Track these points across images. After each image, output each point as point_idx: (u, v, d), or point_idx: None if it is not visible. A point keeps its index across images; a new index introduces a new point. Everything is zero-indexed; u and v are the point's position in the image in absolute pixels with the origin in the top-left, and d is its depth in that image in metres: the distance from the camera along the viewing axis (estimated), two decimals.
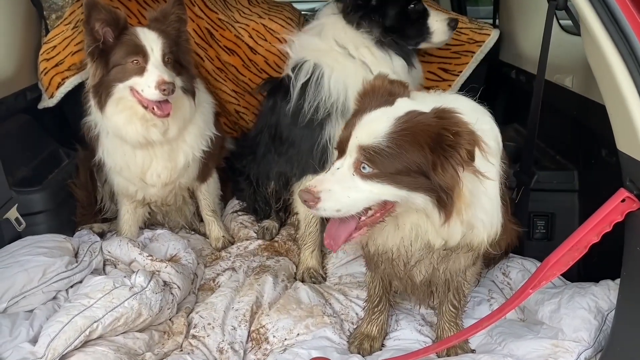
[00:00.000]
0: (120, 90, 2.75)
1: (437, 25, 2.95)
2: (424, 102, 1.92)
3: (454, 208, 1.79)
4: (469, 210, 1.83)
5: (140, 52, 2.70)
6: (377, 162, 1.76)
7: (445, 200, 1.78)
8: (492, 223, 1.98)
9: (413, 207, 1.85)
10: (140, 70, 2.71)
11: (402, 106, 1.85)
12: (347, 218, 1.85)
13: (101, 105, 2.80)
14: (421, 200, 1.80)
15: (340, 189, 1.79)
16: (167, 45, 2.76)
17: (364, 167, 1.78)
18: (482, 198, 1.90)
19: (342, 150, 1.84)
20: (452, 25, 2.97)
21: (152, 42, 2.73)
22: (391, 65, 2.82)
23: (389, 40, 2.84)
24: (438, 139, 1.73)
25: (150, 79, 2.67)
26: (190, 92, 2.96)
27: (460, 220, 1.83)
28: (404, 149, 1.74)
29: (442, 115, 1.76)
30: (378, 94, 1.93)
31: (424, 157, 1.74)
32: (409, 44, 2.93)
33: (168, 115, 2.75)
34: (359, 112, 1.89)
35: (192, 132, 3.06)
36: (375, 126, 1.79)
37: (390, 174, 1.76)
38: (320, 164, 2.84)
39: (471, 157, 1.73)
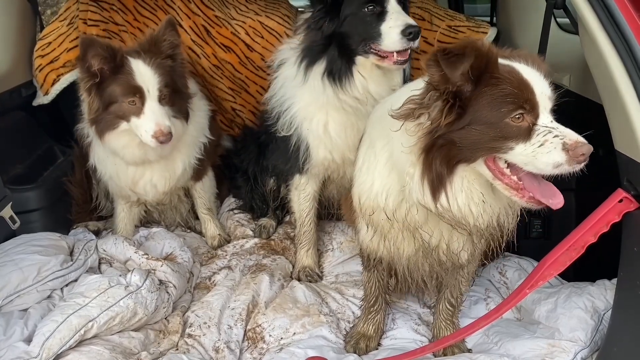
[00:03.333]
0: (125, 125, 2.72)
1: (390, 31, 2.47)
2: None
3: None
4: None
5: (137, 92, 2.66)
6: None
7: None
8: None
9: None
10: (138, 111, 2.68)
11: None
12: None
13: (101, 134, 2.77)
14: None
15: None
16: (164, 82, 2.72)
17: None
18: None
19: (533, 107, 1.75)
20: (409, 32, 2.42)
21: (148, 81, 2.68)
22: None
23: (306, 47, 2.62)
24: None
25: (148, 127, 2.65)
26: (184, 115, 2.93)
27: None
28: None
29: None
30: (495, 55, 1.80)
31: None
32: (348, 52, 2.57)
33: (167, 143, 2.73)
34: (504, 76, 1.74)
35: (185, 142, 3.05)
36: (538, 74, 1.79)
37: None
38: (300, 164, 2.86)
39: None
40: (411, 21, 2.44)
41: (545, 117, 1.76)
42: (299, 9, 3.98)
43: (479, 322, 2.13)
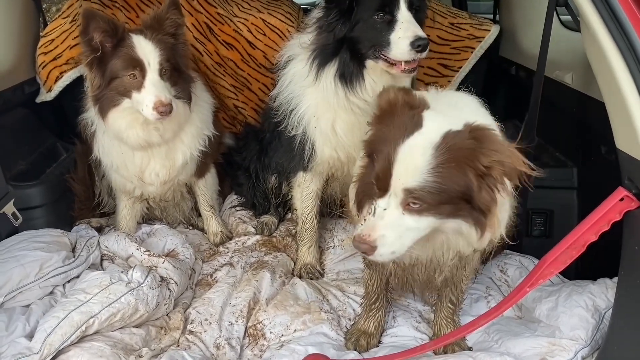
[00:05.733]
0: (128, 102, 2.73)
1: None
2: (444, 108, 1.94)
3: (489, 223, 1.81)
4: (501, 220, 1.88)
5: (137, 66, 2.67)
6: (424, 198, 1.73)
7: (482, 219, 1.79)
8: (507, 218, 2.02)
9: (450, 230, 1.86)
10: (138, 85, 2.68)
11: (434, 128, 1.76)
12: None
13: (103, 113, 2.78)
14: (463, 225, 1.83)
15: (392, 232, 1.76)
16: (165, 56, 2.72)
17: (410, 204, 1.75)
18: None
19: (383, 187, 1.77)
20: (417, 44, 2.41)
21: (149, 54, 2.69)
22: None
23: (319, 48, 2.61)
24: (481, 163, 1.71)
25: (148, 99, 2.65)
26: (186, 98, 2.93)
27: (493, 230, 1.85)
28: (449, 180, 1.71)
29: (480, 137, 1.73)
30: (399, 111, 1.83)
31: (469, 183, 1.72)
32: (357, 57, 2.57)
33: (169, 114, 2.72)
34: (389, 139, 1.77)
35: (189, 132, 3.05)
36: (417, 162, 1.72)
37: (436, 205, 1.75)
38: (304, 162, 2.87)
39: (513, 178, 1.73)
40: (420, 33, 2.42)
41: None
42: (302, 6, 3.99)
43: (479, 320, 2.13)
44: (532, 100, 2.74)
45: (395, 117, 1.82)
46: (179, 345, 2.43)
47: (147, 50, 2.69)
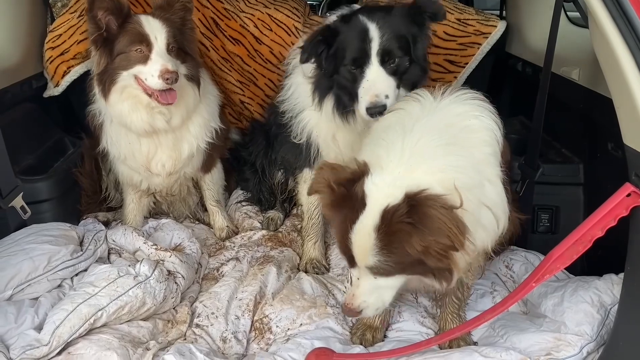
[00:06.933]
0: (125, 78, 2.76)
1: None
2: (421, 134, 1.94)
3: (454, 268, 1.89)
4: (468, 258, 1.94)
5: (144, 40, 2.70)
6: (385, 270, 1.89)
7: (443, 271, 1.90)
8: (494, 229, 2.04)
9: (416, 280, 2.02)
10: (144, 59, 2.71)
11: (374, 207, 1.82)
12: None
13: (105, 93, 2.80)
14: (424, 279, 1.98)
15: (370, 296, 1.97)
16: (172, 34, 2.76)
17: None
18: (482, 220, 1.95)
19: (351, 262, 1.95)
20: (371, 112, 2.41)
21: (156, 30, 2.73)
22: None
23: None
24: (415, 247, 1.78)
25: (154, 68, 2.68)
26: (195, 80, 2.95)
27: (459, 272, 1.95)
28: (398, 255, 1.84)
29: (417, 216, 1.75)
30: (344, 194, 1.88)
31: (415, 255, 1.80)
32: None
33: (172, 103, 2.75)
34: (343, 221, 1.89)
35: (197, 122, 3.07)
36: (365, 246, 1.85)
37: (400, 268, 1.89)
38: (310, 160, 2.92)
39: (457, 248, 1.77)
40: (378, 98, 2.39)
41: None
42: (308, 2, 3.99)
43: (484, 315, 2.13)
44: (539, 96, 2.74)
45: (343, 201, 1.89)
46: (185, 339, 2.45)
47: (154, 26, 2.74)
